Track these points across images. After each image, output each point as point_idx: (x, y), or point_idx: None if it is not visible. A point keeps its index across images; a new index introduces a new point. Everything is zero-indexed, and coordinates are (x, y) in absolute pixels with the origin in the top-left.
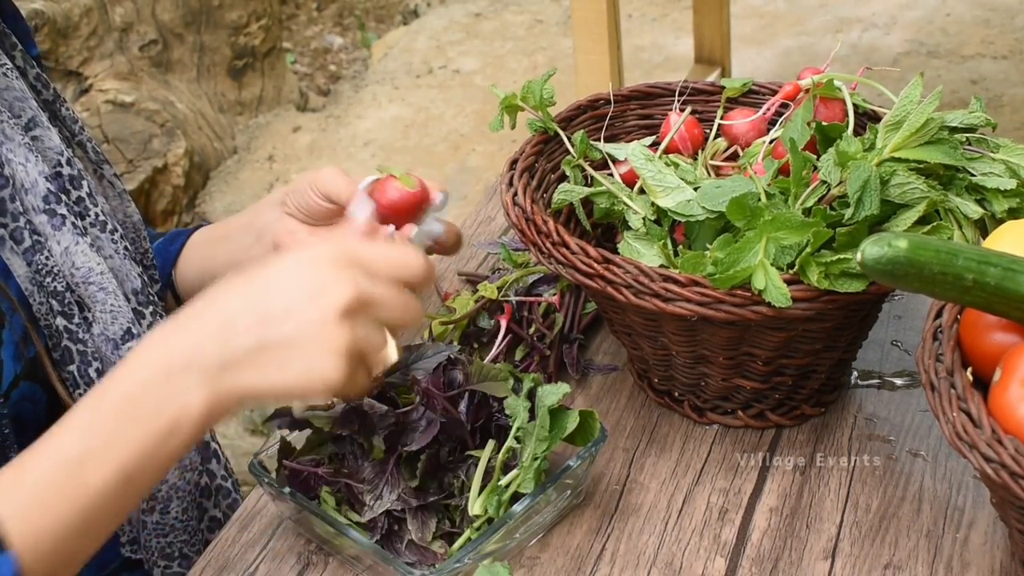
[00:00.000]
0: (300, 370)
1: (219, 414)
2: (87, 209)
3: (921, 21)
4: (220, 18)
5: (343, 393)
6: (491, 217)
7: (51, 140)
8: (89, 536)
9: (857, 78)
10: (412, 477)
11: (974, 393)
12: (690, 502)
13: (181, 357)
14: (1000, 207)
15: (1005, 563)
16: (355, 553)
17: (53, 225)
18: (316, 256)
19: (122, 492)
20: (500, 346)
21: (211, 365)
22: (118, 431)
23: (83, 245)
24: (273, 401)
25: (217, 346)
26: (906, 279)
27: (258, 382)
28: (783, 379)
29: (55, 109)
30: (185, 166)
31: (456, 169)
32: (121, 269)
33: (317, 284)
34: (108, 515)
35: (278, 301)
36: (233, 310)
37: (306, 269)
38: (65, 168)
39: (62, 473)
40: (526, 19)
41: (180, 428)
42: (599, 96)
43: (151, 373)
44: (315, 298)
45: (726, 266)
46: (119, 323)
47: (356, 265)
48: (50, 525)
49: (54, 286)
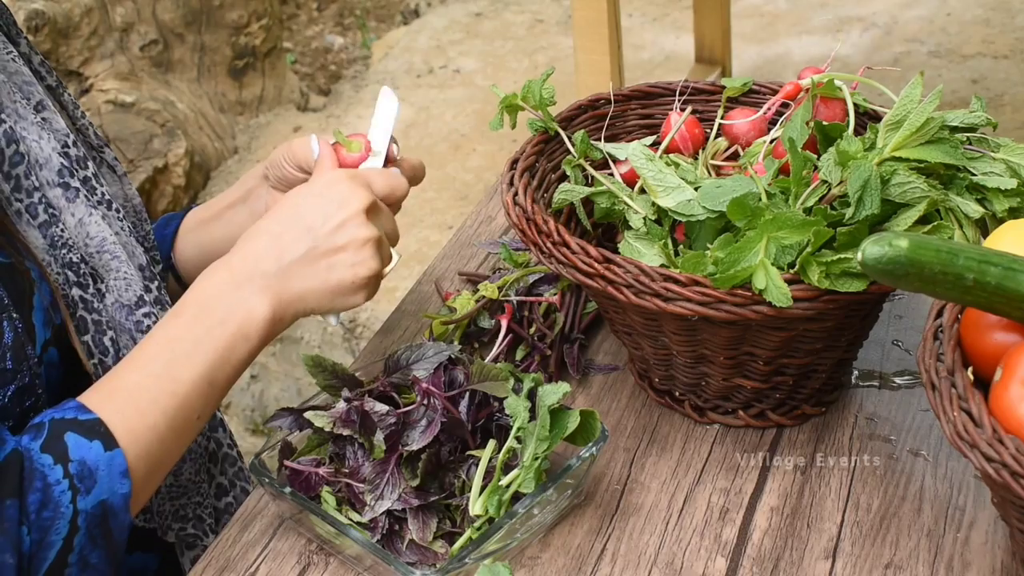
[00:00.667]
0: (346, 264)
1: (283, 318)
2: (93, 189)
3: (922, 21)
4: (221, 18)
5: (374, 287)
6: (492, 217)
7: (58, 123)
8: (178, 435)
9: (857, 78)
10: (413, 477)
11: (975, 392)
12: (691, 502)
13: (243, 271)
14: (1001, 206)
15: (1006, 563)
16: (356, 553)
17: (67, 198)
18: (331, 178)
19: (205, 393)
20: (501, 346)
21: (270, 273)
22: (198, 337)
23: (96, 216)
24: (325, 300)
25: (273, 258)
26: (907, 279)
27: (312, 282)
28: (784, 379)
29: (58, 95)
30: (186, 166)
31: (457, 169)
32: (128, 245)
33: (341, 196)
34: (193, 415)
35: (315, 214)
36: (278, 230)
37: (328, 188)
38: (72, 149)
39: (152, 377)
40: (527, 19)
41: (251, 331)
42: (600, 96)
43: (219, 288)
44: (343, 206)
45: (727, 266)
46: (132, 290)
47: (361, 181)
48: (146, 425)
49: (69, 257)
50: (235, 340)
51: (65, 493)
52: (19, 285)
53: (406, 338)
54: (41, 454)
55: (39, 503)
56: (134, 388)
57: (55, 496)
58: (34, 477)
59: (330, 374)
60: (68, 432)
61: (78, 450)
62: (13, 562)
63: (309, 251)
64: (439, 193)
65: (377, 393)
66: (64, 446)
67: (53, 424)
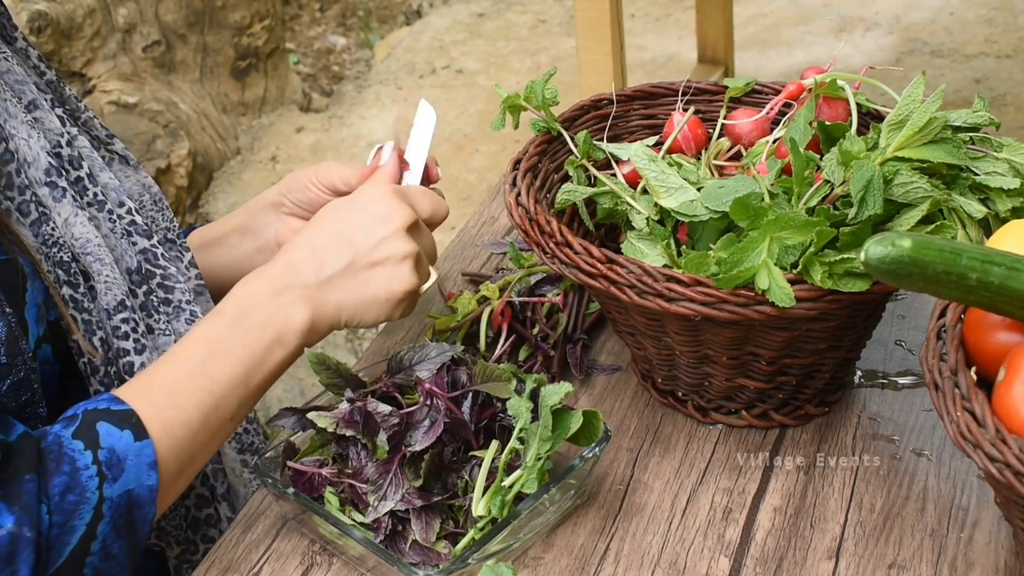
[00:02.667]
0: (384, 279)
1: (319, 327)
2: (85, 189)
3: (924, 20)
4: (223, 19)
5: (413, 302)
6: (494, 217)
7: (51, 122)
8: (211, 434)
9: (860, 77)
10: (416, 477)
11: (978, 392)
12: (694, 502)
13: (283, 280)
14: (1004, 206)
15: (1009, 562)
16: (359, 554)
17: (54, 197)
18: (377, 192)
19: (240, 394)
20: (504, 346)
21: (310, 284)
22: (236, 339)
23: (82, 217)
24: (361, 313)
25: (312, 269)
26: (910, 279)
27: (349, 294)
28: (787, 379)
29: (59, 88)
30: (188, 167)
31: (459, 169)
32: (117, 248)
33: (384, 211)
34: (227, 415)
35: (357, 229)
36: (320, 242)
37: (371, 203)
38: (64, 149)
39: (188, 374)
40: (529, 19)
41: (288, 337)
42: (602, 96)
43: (258, 295)
44: (385, 222)
45: (730, 266)
46: (112, 294)
47: (405, 198)
48: (179, 420)
49: (60, 256)
50: (272, 345)
51: (93, 479)
52: (11, 280)
53: (409, 338)
54: (72, 440)
55: (64, 486)
56: (170, 383)
57: (83, 481)
58: (63, 461)
59: (334, 373)
60: (100, 421)
61: (108, 438)
62: (31, 536)
63: (349, 264)
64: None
65: (380, 394)
66: (95, 433)
67: (86, 414)
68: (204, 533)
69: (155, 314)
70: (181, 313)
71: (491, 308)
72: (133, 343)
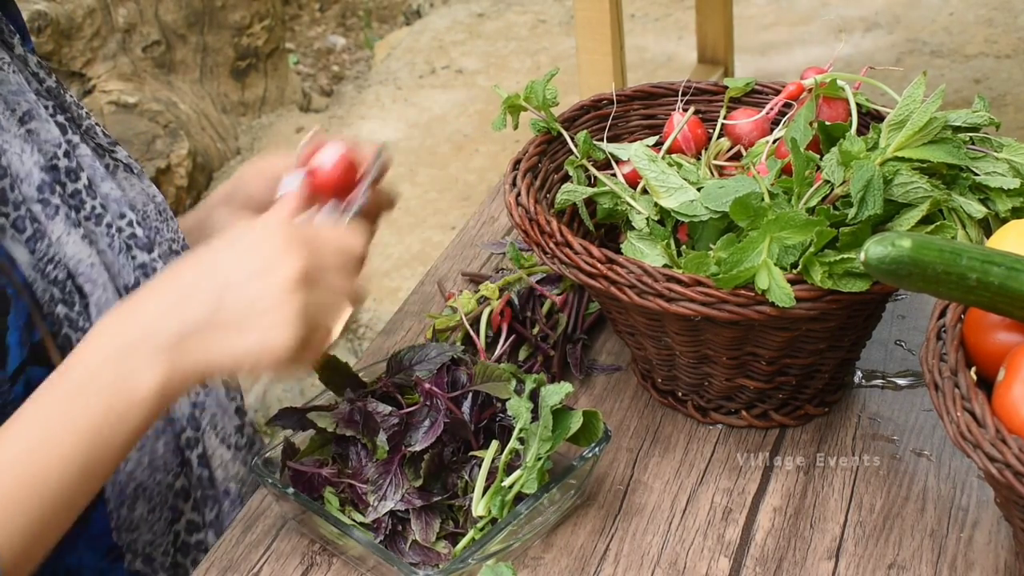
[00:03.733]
0: (255, 340)
1: (177, 389)
2: (83, 202)
3: (924, 20)
4: (223, 19)
5: (292, 366)
6: (494, 217)
7: (48, 133)
8: (56, 525)
9: (860, 78)
10: (416, 477)
11: (978, 393)
12: (694, 502)
13: (138, 333)
14: (1004, 206)
15: (1009, 563)
16: (359, 554)
17: (47, 215)
18: (265, 232)
19: (82, 480)
20: (504, 346)
21: (168, 338)
22: (71, 418)
23: (75, 236)
24: (228, 373)
25: (174, 319)
26: (910, 279)
27: (214, 353)
28: (787, 379)
29: (60, 96)
30: (188, 167)
31: (459, 169)
32: (115, 264)
33: (268, 257)
34: (70, 503)
35: (231, 274)
36: (187, 285)
37: (257, 244)
38: (62, 161)
39: (13, 478)
40: (529, 19)
41: (136, 406)
42: (602, 96)
43: (108, 352)
44: (267, 271)
45: (729, 266)
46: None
47: (303, 241)
48: (21, 524)
49: (55, 274)
50: (116, 423)
51: None
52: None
53: (409, 339)
54: None
55: None
56: (6, 478)
57: None
58: None
59: (334, 372)
60: None
61: None
62: None
63: (213, 316)
64: (441, 194)
65: (380, 393)
66: None
67: None
68: (195, 558)
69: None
70: None
71: (491, 308)
72: None
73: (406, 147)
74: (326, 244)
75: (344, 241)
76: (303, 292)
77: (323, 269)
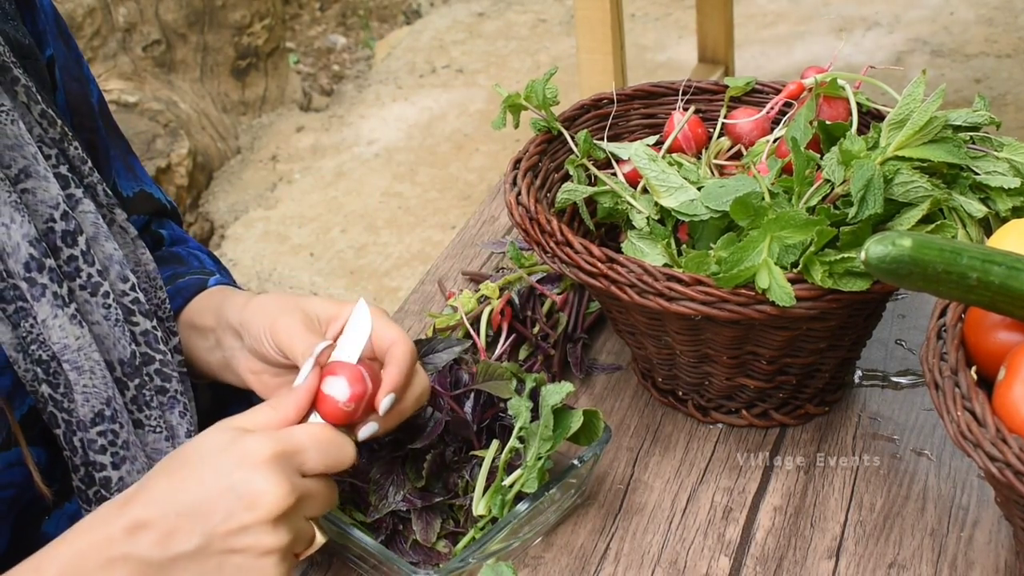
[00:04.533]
0: (240, 569)
1: None
2: (78, 269)
3: (925, 20)
4: (223, 18)
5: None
6: (495, 217)
7: (46, 192)
8: None
9: (861, 77)
10: (418, 478)
11: (978, 392)
12: (694, 501)
13: (120, 547)
14: (1004, 206)
15: (1010, 562)
16: (360, 553)
17: (32, 295)
18: (252, 456)
19: None
20: (504, 346)
21: (149, 559)
22: None
23: (62, 319)
24: None
25: (157, 541)
26: (910, 278)
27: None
28: (787, 378)
29: (63, 147)
30: (189, 166)
31: (460, 169)
32: (109, 337)
33: (252, 493)
34: None
35: (216, 507)
36: (172, 510)
37: (244, 472)
38: (59, 223)
39: None
40: (529, 18)
41: None
42: (602, 95)
43: (87, 561)
44: (251, 507)
45: (730, 265)
46: (90, 404)
47: (292, 462)
48: None
49: (40, 354)
50: None
51: None
52: None
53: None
54: None
55: None
56: None
57: None
58: None
59: None
60: None
61: None
62: None
63: (201, 548)
64: (442, 193)
65: None
66: None
67: None
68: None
69: (146, 409)
70: (176, 405)
71: (491, 307)
72: (111, 456)
73: (406, 147)
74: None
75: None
76: (286, 523)
77: (307, 485)
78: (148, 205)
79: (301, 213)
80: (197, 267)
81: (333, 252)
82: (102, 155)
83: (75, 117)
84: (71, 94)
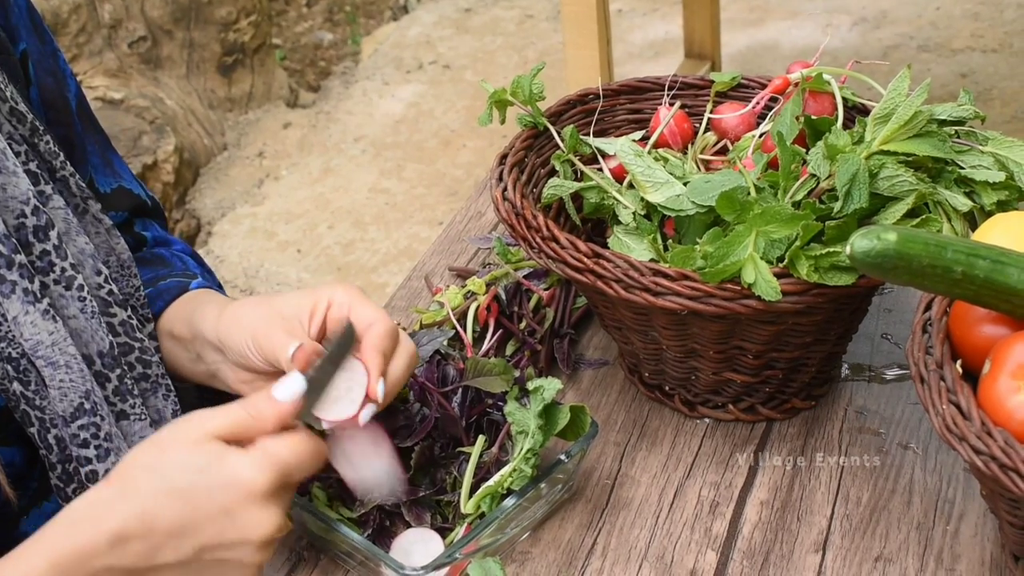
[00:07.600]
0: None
1: None
2: (52, 264)
3: (911, 15)
4: (210, 15)
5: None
6: (481, 212)
7: (15, 188)
8: None
9: (846, 72)
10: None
11: (964, 385)
12: (681, 496)
13: (105, 559)
14: (989, 200)
15: (995, 555)
16: (346, 549)
17: (2, 292)
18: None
19: None
20: (491, 341)
21: (133, 570)
22: None
23: (34, 315)
24: None
25: (143, 554)
26: (895, 272)
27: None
28: (773, 372)
29: (34, 143)
30: (175, 163)
31: (446, 165)
32: (86, 330)
33: (253, 522)
34: None
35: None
36: (160, 524)
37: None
38: (29, 219)
39: None
40: (516, 14)
41: None
42: (589, 91)
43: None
44: (242, 529)
45: (716, 260)
46: (69, 399)
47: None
48: None
49: (9, 352)
50: None
51: None
52: None
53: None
54: None
55: None
56: None
57: None
58: None
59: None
60: None
61: None
62: None
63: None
64: (429, 189)
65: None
66: None
67: None
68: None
69: (130, 398)
70: (158, 388)
71: (478, 303)
72: (95, 450)
73: (393, 142)
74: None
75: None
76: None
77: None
78: (127, 201)
79: (288, 209)
80: (180, 269)
81: (320, 248)
82: (78, 150)
83: (50, 112)
84: (46, 89)
